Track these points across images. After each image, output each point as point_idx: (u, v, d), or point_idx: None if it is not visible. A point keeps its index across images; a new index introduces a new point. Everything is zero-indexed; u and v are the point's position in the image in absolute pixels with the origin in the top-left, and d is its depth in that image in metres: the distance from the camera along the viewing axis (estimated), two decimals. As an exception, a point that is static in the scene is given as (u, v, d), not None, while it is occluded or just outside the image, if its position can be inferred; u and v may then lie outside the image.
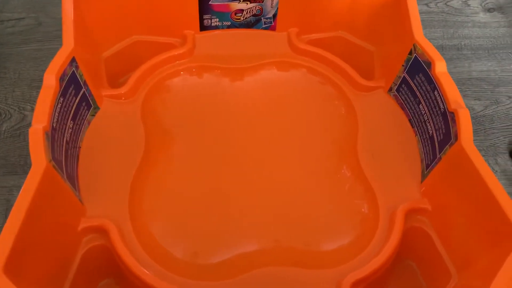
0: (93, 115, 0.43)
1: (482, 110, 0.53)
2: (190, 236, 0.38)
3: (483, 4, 0.65)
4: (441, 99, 0.38)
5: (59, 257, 0.34)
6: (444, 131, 0.38)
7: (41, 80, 0.52)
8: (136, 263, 0.35)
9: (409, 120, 0.44)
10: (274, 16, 0.51)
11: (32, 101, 0.52)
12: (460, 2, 0.65)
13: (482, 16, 0.64)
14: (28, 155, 0.46)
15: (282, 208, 0.40)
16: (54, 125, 0.36)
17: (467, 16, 0.64)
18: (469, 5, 0.65)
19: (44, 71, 0.53)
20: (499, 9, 0.64)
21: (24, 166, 0.47)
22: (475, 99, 0.54)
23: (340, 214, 0.40)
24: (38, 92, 0.51)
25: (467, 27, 0.62)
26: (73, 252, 0.35)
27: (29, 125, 0.49)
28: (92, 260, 0.36)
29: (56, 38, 0.58)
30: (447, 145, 0.37)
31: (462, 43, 0.60)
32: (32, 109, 0.51)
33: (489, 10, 0.65)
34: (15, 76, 0.54)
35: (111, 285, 0.38)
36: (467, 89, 0.55)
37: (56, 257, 0.34)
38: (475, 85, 0.55)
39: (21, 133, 0.49)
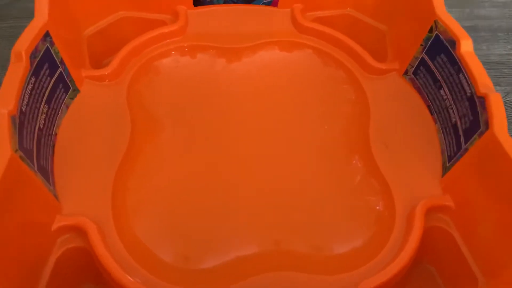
0: (72, 99, 0.38)
1: (503, 97, 0.48)
2: (180, 237, 0.33)
3: (501, -17, 0.61)
4: (467, 83, 0.34)
5: (29, 261, 0.29)
6: (471, 119, 0.33)
7: None
8: (118, 268, 0.30)
9: (428, 106, 0.39)
10: (276, -10, 0.46)
11: None
12: (477, -20, 0.61)
13: None
14: None
15: (285, 206, 0.36)
16: (24, 109, 0.31)
17: None
18: (486, -16, 0.61)
19: None
20: (519, -12, 0.60)
21: None
22: (494, 85, 0.48)
23: (351, 213, 0.36)
24: None
25: (484, 7, 0.57)
26: (46, 255, 0.31)
27: None
28: (68, 264, 0.32)
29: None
30: (475, 134, 0.32)
31: (480, 24, 0.55)
32: None
33: None
34: None
35: (91, 291, 0.34)
36: (485, 74, 0.50)
37: (26, 261, 0.29)
38: (494, 69, 0.51)
39: None
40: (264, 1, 0.46)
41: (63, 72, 0.36)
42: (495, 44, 0.53)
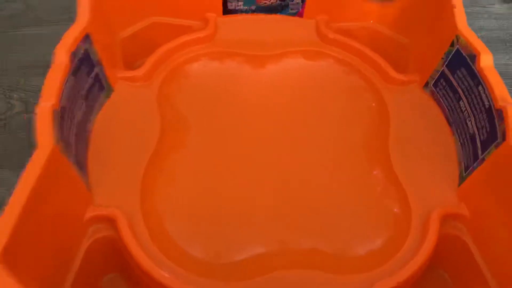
0: (107, 97, 0.40)
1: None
2: (204, 232, 0.35)
3: (499, -5, 0.62)
4: (486, 95, 0.35)
5: (63, 248, 0.31)
6: (488, 130, 0.34)
7: (29, 68, 0.50)
8: (145, 257, 0.32)
9: (446, 118, 0.40)
10: (302, 1, 0.47)
11: (20, 90, 0.49)
12: (475, -8, 0.62)
13: (498, 7, 0.60)
14: (15, 147, 0.44)
15: (305, 209, 0.37)
16: (64, 104, 0.33)
17: (483, 7, 0.60)
18: (484, -5, 0.62)
19: (33, 57, 0.51)
20: (516, 0, 0.61)
21: (11, 159, 0.44)
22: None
23: (368, 216, 0.37)
24: (26, 80, 0.49)
25: (483, 19, 0.58)
26: (77, 243, 0.33)
27: (16, 114, 0.47)
28: (98, 253, 0.33)
29: (47, 23, 0.55)
30: (492, 145, 0.33)
31: (478, 35, 0.55)
32: (20, 98, 0.48)
33: (505, 0, 0.61)
34: (2, 62, 0.51)
35: (116, 280, 0.35)
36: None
37: (59, 247, 0.31)
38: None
39: (6, 124, 0.46)
40: (290, 12, 0.48)
41: (100, 72, 0.38)
42: (494, 54, 0.54)
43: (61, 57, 0.33)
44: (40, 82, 0.49)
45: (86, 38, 0.36)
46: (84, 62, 0.36)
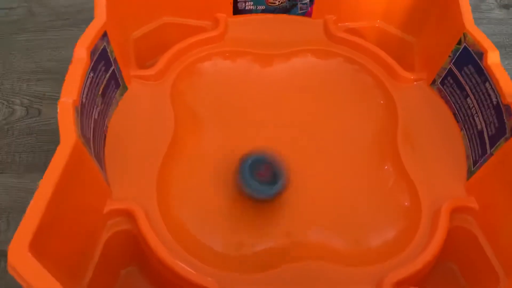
0: (121, 95, 0.41)
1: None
2: (219, 225, 0.36)
3: (498, 0, 0.63)
4: (493, 92, 0.36)
5: (84, 240, 0.32)
6: (496, 125, 0.35)
7: (31, 73, 0.51)
8: (165, 250, 0.32)
9: (454, 114, 0.41)
10: (311, 2, 0.48)
11: (22, 95, 0.50)
12: (475, -3, 0.63)
13: (498, 13, 0.61)
14: (16, 152, 0.45)
15: (317, 201, 0.38)
16: (83, 101, 0.34)
17: (482, 12, 0.61)
18: (484, 1, 0.63)
19: (34, 63, 0.52)
20: (516, 5, 0.62)
21: (12, 164, 0.45)
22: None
23: (380, 210, 0.38)
24: (28, 85, 0.51)
25: (482, 24, 0.59)
26: (97, 236, 0.33)
27: (18, 120, 0.48)
28: (116, 246, 0.34)
29: (49, 29, 0.56)
30: (501, 140, 0.34)
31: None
32: (22, 103, 0.49)
33: (505, 6, 0.62)
34: (4, 68, 0.52)
35: (134, 273, 0.36)
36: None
37: (81, 239, 0.32)
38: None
39: (9, 129, 0.47)
40: (299, 12, 0.49)
41: (116, 70, 0.39)
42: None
43: (81, 54, 0.34)
44: (41, 88, 0.51)
45: (104, 36, 0.37)
46: (102, 60, 0.37)
